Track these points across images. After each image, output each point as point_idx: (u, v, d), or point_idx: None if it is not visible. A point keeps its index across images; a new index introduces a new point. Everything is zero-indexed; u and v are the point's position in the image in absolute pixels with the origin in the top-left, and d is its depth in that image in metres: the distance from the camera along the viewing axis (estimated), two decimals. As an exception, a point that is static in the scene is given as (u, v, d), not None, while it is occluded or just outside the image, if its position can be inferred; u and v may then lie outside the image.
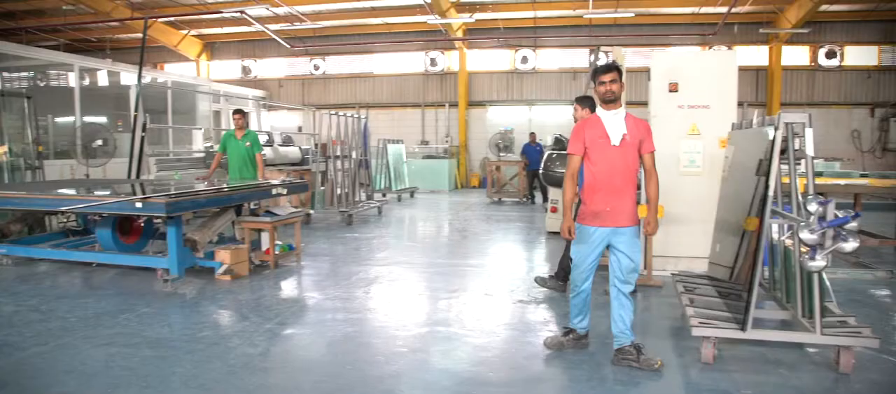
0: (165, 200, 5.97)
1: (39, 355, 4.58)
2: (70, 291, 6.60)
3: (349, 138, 12.93)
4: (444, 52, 22.13)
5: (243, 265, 7.03)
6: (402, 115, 22.76)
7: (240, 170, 9.04)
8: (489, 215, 13.48)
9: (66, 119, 14.46)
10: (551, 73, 21.44)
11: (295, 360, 4.66)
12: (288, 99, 23.12)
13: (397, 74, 22.71)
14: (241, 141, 9.01)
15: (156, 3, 19.46)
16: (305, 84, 23.59)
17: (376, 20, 20.97)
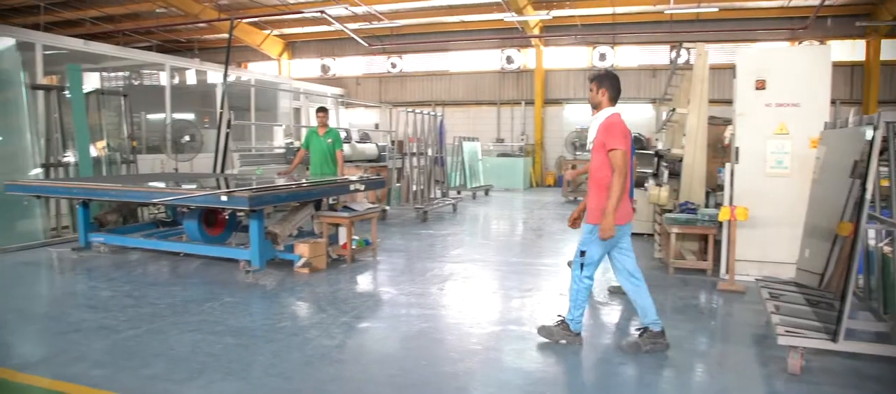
0: (249, 195, 6.17)
1: (133, 338, 4.83)
2: (159, 279, 6.93)
3: (425, 136, 13.03)
4: (520, 50, 22.01)
5: (321, 259, 7.21)
6: (478, 112, 22.79)
7: (321, 166, 9.30)
8: (564, 215, 13.32)
9: (158, 116, 15.17)
10: (630, 70, 20.98)
11: (370, 353, 4.73)
12: (365, 97, 23.53)
13: (473, 72, 22.73)
14: (324, 138, 9.27)
15: (241, 4, 20.16)
16: (382, 82, 23.94)
17: (453, 18, 21.06)
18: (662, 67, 20.06)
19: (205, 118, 17.25)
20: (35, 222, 9.04)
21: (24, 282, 7.02)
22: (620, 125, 4.48)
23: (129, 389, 3.86)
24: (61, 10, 20.57)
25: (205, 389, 3.88)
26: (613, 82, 4.65)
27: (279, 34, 24.09)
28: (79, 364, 4.29)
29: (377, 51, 22.92)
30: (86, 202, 8.12)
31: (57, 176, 9.43)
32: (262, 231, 6.83)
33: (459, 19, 21.12)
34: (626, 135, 4.44)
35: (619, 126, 4.47)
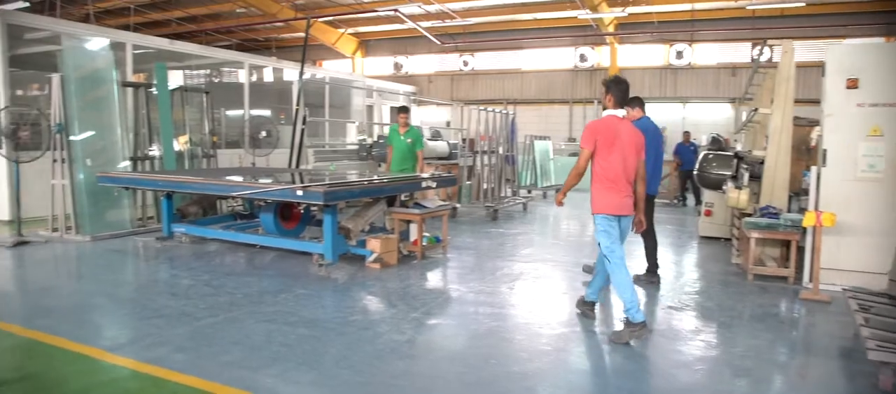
0: (324, 189, 6.29)
1: (211, 326, 5.00)
2: (236, 270, 7.15)
3: (496, 134, 12.99)
4: (594, 48, 21.67)
5: (392, 254, 7.28)
6: (550, 111, 22.57)
7: (401, 164, 9.48)
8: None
9: (236, 112, 15.69)
10: (708, 68, 20.35)
11: (439, 349, 4.74)
12: (437, 94, 23.67)
13: (545, 70, 22.52)
14: (404, 137, 9.46)
15: (317, 3, 20.62)
16: (454, 80, 24.02)
17: (526, 16, 20.93)
18: (743, 65, 19.36)
19: (281, 115, 17.73)
20: (123, 212, 9.51)
21: (114, 268, 7.39)
22: (594, 126, 5.05)
23: (208, 374, 3.99)
24: (149, 11, 21.58)
25: (279, 377, 3.97)
26: (619, 88, 5.09)
27: (353, 32, 24.52)
28: (162, 348, 4.48)
29: (449, 49, 23.01)
30: (169, 194, 8.47)
31: (143, 169, 9.88)
32: (336, 226, 6.96)
33: (532, 17, 20.96)
34: (595, 135, 4.96)
35: (592, 127, 5.05)
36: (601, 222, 4.97)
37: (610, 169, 4.91)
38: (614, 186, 4.94)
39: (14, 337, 4.80)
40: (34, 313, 5.44)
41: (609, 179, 4.92)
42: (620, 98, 5.08)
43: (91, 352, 4.41)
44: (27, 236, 8.65)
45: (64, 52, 9.65)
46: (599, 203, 4.99)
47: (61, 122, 8.81)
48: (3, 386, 3.90)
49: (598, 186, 4.99)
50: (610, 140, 4.92)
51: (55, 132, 8.80)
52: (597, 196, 5.01)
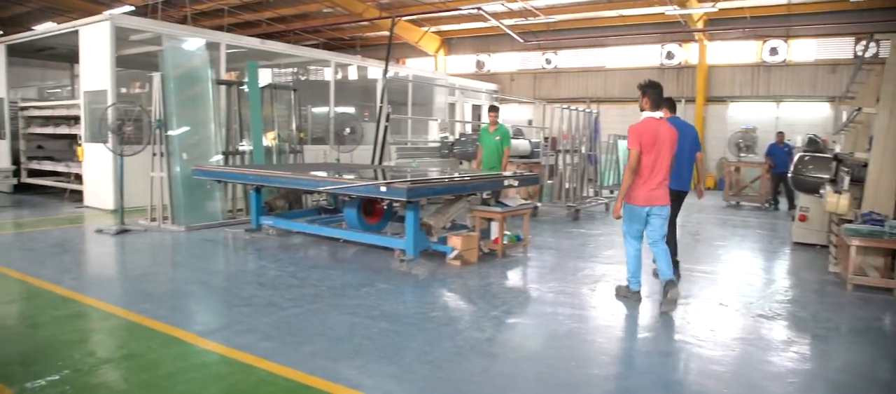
0: (407, 186, 6.36)
1: (296, 316, 5.15)
2: (320, 263, 7.33)
3: (579, 133, 12.80)
4: (681, 45, 20.99)
5: (473, 252, 7.29)
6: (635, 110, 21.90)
7: (490, 162, 9.58)
8: (725, 220, 12.56)
9: (322, 109, 16.09)
10: (805, 65, 19.34)
11: (519, 349, 4.71)
12: (519, 92, 23.52)
13: (630, 68, 21.97)
14: (493, 135, 9.57)
15: (401, 2, 20.88)
16: (536, 78, 23.81)
17: (610, 13, 20.49)
18: (845, 62, 18.30)
19: (365, 112, 18.07)
20: (215, 204, 9.93)
21: (206, 257, 7.72)
22: (637, 129, 5.56)
23: (292, 362, 4.11)
24: (242, 12, 22.42)
25: (360, 369, 4.04)
26: (655, 91, 5.68)
27: (436, 31, 24.68)
28: (249, 336, 4.64)
29: (532, 47, 22.82)
30: (258, 188, 8.78)
31: (234, 163, 10.28)
32: (418, 222, 7.02)
33: (617, 14, 20.50)
34: (640, 138, 5.50)
35: (636, 130, 5.56)
36: (629, 210, 5.72)
37: (642, 167, 5.53)
38: (643, 181, 5.56)
39: (118, 318, 5.10)
40: (135, 297, 5.75)
41: (641, 175, 5.54)
42: (656, 100, 5.66)
43: (185, 336, 4.63)
44: (129, 225, 9.16)
45: (164, 52, 10.15)
46: (629, 194, 5.65)
47: (161, 118, 9.27)
48: (107, 363, 4.15)
49: (634, 181, 5.61)
50: (651, 141, 5.50)
51: (155, 128, 9.28)
52: (630, 189, 5.64)
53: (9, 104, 13.95)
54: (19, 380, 3.77)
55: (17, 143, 13.99)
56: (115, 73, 11.29)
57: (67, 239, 8.68)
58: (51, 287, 5.98)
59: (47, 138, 14.40)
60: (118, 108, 9.46)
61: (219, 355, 4.28)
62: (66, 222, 10.11)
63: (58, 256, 7.50)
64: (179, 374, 3.96)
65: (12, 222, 10.28)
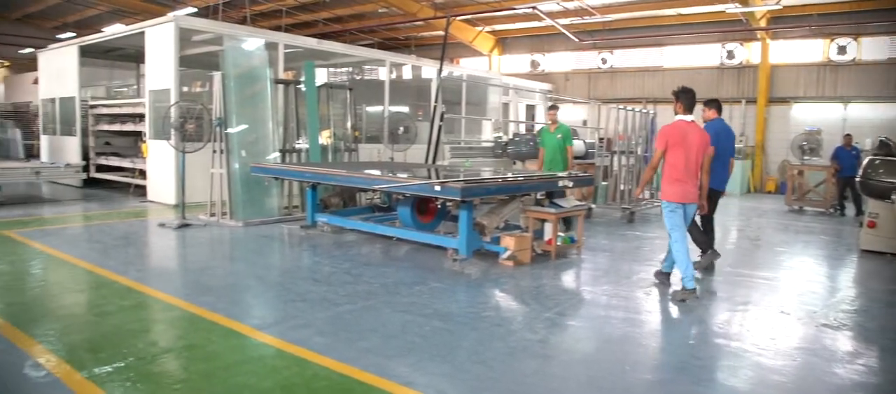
0: (461, 185, 6.36)
1: (350, 313, 5.21)
2: (373, 260, 7.40)
3: (634, 133, 12.58)
4: (742, 44, 20.40)
5: (526, 253, 7.24)
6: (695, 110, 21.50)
7: (552, 161, 9.53)
8: (786, 225, 12.15)
9: (376, 108, 16.25)
10: (877, 64, 18.51)
11: (572, 351, 4.66)
12: (574, 92, 23.27)
13: (688, 68, 21.48)
14: (554, 134, 9.51)
15: (456, 2, 20.89)
16: (592, 77, 23.51)
17: (668, 11, 20.06)
18: (920, 61, 17.48)
19: (419, 111, 18.17)
20: (272, 201, 10.14)
21: (263, 253, 7.88)
22: (666, 131, 6.13)
23: (345, 358, 4.16)
24: (299, 13, 22.82)
25: (413, 367, 4.06)
26: (687, 96, 6.17)
27: (490, 30, 24.62)
28: (304, 330, 4.72)
29: (587, 46, 22.53)
30: (314, 185, 8.92)
31: (291, 160, 10.47)
32: (471, 222, 7.02)
33: (676, 12, 20.06)
34: (667, 138, 6.06)
35: (665, 131, 6.15)
36: (667, 207, 6.12)
37: (675, 166, 5.99)
38: (678, 179, 6.01)
39: (179, 310, 5.26)
40: (195, 289, 5.92)
41: (674, 173, 6.01)
42: (689, 104, 6.17)
43: (242, 329, 4.74)
44: (189, 220, 9.43)
45: (225, 51, 10.41)
46: (666, 192, 6.10)
47: (221, 116, 9.52)
48: (168, 352, 4.28)
49: (666, 179, 6.09)
50: (678, 141, 5.99)
51: (215, 125, 9.53)
52: (665, 187, 6.11)
53: (80, 103, 14.55)
54: (88, 366, 3.93)
55: (86, 139, 14.59)
56: (179, 72, 11.63)
57: (132, 232, 9.00)
58: (117, 278, 6.21)
59: (114, 135, 14.99)
60: (181, 106, 9.74)
61: (274, 349, 4.37)
62: (130, 216, 10.48)
63: (123, 249, 7.79)
64: (236, 366, 4.06)
65: (82, 215, 10.72)
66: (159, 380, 3.82)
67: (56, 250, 7.49)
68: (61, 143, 15.31)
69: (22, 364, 3.98)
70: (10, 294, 5.68)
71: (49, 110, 16.01)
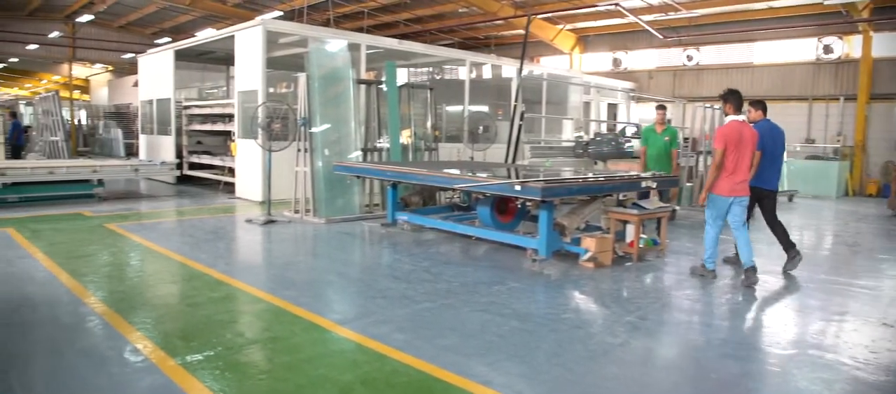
0: (541, 185, 6.30)
1: (429, 310, 5.25)
2: (452, 259, 7.42)
3: (722, 133, 12.09)
4: (841, 38, 19.29)
5: (607, 255, 7.09)
6: (785, 109, 20.49)
7: (656, 163, 9.35)
8: (889, 230, 11.40)
9: (456, 108, 16.31)
10: None
11: (654, 357, 4.52)
12: (657, 91, 22.64)
13: (781, 64, 20.51)
14: (661, 135, 9.33)
15: (536, 0, 20.73)
16: (676, 75, 22.81)
17: (759, 5, 19.21)
18: None
19: (498, 111, 18.11)
20: (353, 199, 10.34)
21: (344, 249, 8.05)
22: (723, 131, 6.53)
23: (425, 355, 4.18)
24: (380, 14, 23.21)
25: (491, 366, 4.04)
26: (735, 97, 6.62)
27: (572, 29, 24.28)
28: (384, 326, 4.78)
29: (672, 43, 21.87)
30: (395, 184, 9.03)
31: (372, 159, 10.65)
32: (551, 222, 6.94)
33: (767, 6, 19.18)
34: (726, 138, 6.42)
35: (723, 131, 6.53)
36: (710, 198, 6.64)
37: (730, 163, 6.43)
38: (728, 175, 6.45)
39: (264, 303, 5.43)
40: (280, 283, 6.10)
41: (728, 170, 6.45)
42: (738, 105, 6.60)
43: (324, 323, 4.85)
44: (274, 216, 9.74)
45: (310, 53, 10.69)
46: (715, 186, 6.55)
47: (306, 116, 9.78)
48: (254, 343, 4.43)
49: (720, 175, 6.50)
50: (736, 141, 6.42)
51: (300, 125, 9.80)
52: (717, 181, 6.53)
53: (175, 104, 15.29)
54: (181, 353, 4.12)
55: (180, 138, 15.33)
56: (266, 74, 12.04)
57: (221, 227, 9.38)
58: (207, 270, 6.48)
59: (205, 134, 15.69)
60: (268, 106, 10.07)
61: (355, 344, 4.44)
62: (219, 212, 10.92)
63: (213, 243, 8.12)
64: (318, 359, 4.15)
65: (175, 210, 11.27)
66: (245, 370, 3.95)
67: (152, 243, 7.89)
68: (158, 142, 16.15)
69: (123, 348, 4.22)
70: (112, 283, 6.03)
71: (147, 111, 16.92)
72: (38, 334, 4.56)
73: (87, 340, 4.43)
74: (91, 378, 3.74)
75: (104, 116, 27.62)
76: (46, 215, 9.79)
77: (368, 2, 21.77)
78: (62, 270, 6.31)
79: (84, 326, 4.73)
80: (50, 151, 18.08)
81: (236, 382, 3.75)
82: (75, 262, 6.75)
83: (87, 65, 34.93)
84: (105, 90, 35.80)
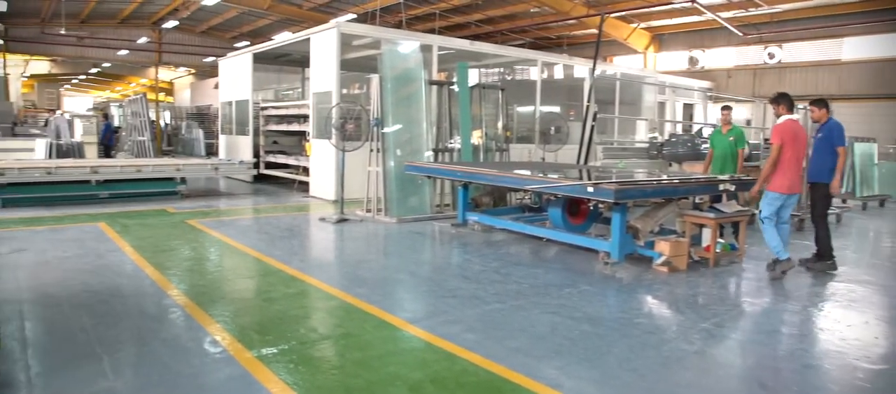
0: (615, 187, 6.18)
1: (499, 311, 5.23)
2: (523, 260, 7.38)
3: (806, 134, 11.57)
4: (941, 33, 18.15)
5: (682, 259, 6.90)
6: (875, 108, 19.44)
7: (722, 164, 9.14)
8: None
9: (527, 108, 16.20)
10: None
11: (732, 366, 4.36)
12: (736, 90, 21.87)
13: (871, 60, 19.43)
14: (726, 136, 9.12)
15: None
16: (757, 74, 21.98)
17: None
18: None
19: (570, 111, 17.89)
20: (425, 199, 10.42)
21: (415, 249, 8.12)
22: (778, 127, 6.84)
23: (494, 356, 4.17)
24: (452, 15, 23.31)
25: (561, 370, 4.00)
26: (787, 99, 6.96)
27: (646, 27, 23.76)
28: (454, 326, 4.79)
29: (752, 40, 21.07)
30: (466, 184, 9.05)
31: (443, 160, 10.70)
32: (624, 225, 6.80)
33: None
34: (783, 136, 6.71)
35: (780, 129, 6.80)
36: (771, 196, 6.77)
37: (787, 160, 6.69)
38: (786, 172, 6.70)
39: (337, 300, 5.54)
40: (352, 281, 6.21)
41: (783, 167, 6.70)
42: (790, 105, 6.95)
43: (394, 321, 4.90)
44: (347, 215, 9.92)
45: (382, 54, 10.84)
46: (775, 183, 6.75)
47: (378, 116, 9.92)
48: (327, 339, 4.53)
49: (777, 172, 6.74)
50: (792, 138, 6.71)
51: (373, 125, 9.95)
52: (774, 179, 6.76)
53: (252, 105, 15.80)
54: (256, 346, 4.25)
55: (257, 138, 15.82)
56: (340, 75, 12.27)
57: (295, 225, 9.62)
58: (282, 267, 6.66)
59: (281, 135, 16.13)
60: (341, 107, 10.27)
61: (425, 342, 4.47)
62: (294, 210, 11.21)
63: (287, 240, 8.34)
64: (389, 356, 4.20)
65: (252, 208, 11.63)
66: (318, 364, 4.04)
67: (230, 239, 8.18)
68: (236, 141, 16.72)
69: (202, 339, 4.39)
70: (193, 276, 6.28)
71: (227, 112, 17.55)
72: (127, 323, 4.79)
73: (171, 330, 4.63)
74: (174, 366, 3.90)
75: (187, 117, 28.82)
76: (134, 211, 10.28)
77: (440, 3, 21.90)
78: (148, 264, 6.62)
79: (167, 316, 4.94)
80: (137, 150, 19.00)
81: (309, 375, 3.83)
82: (160, 256, 7.07)
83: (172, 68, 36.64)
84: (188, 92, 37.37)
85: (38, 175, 10.64)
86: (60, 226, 8.84)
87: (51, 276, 6.09)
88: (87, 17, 27.28)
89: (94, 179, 11.10)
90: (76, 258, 6.82)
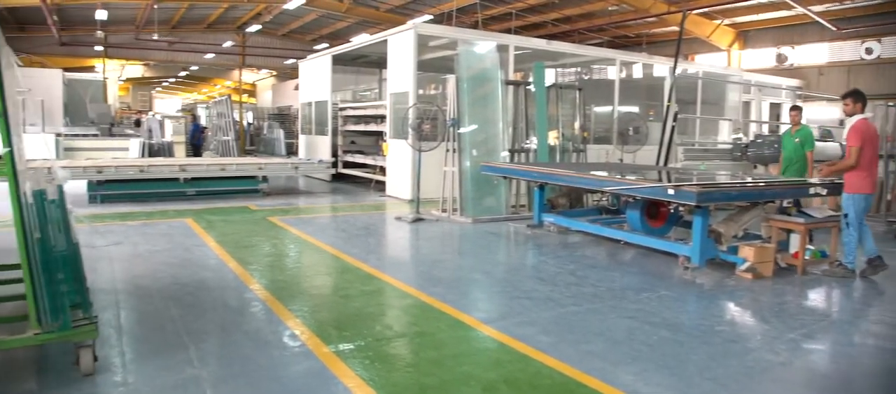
0: (697, 190, 5.99)
1: (574, 314, 5.16)
2: (599, 263, 7.26)
3: (905, 135, 10.90)
4: None
5: (767, 265, 6.61)
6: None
7: (789, 167, 8.81)
8: None
9: (605, 108, 15.92)
10: None
11: (821, 378, 4.15)
12: (828, 89, 20.78)
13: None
14: (793, 137, 8.79)
15: (691, -5, 19.77)
16: (852, 71, 20.82)
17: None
18: None
19: (650, 111, 17.47)
20: (500, 199, 10.41)
21: (490, 249, 8.12)
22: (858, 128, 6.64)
23: (569, 359, 4.12)
24: (528, 14, 23.16)
25: (638, 376, 3.91)
26: (861, 97, 6.82)
27: (730, 23, 22.91)
28: (528, 328, 4.76)
29: (847, 35, 19.97)
30: (542, 185, 8.98)
31: (519, 160, 10.65)
32: (706, 228, 6.59)
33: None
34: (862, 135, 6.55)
35: (857, 129, 6.63)
36: (855, 199, 6.58)
37: (867, 159, 6.56)
38: (868, 173, 6.60)
39: (412, 298, 5.60)
40: (427, 280, 6.27)
41: (865, 167, 6.57)
42: (864, 103, 6.82)
43: (469, 321, 4.92)
44: (423, 214, 10.01)
45: (459, 55, 10.88)
46: (857, 185, 6.57)
47: (455, 116, 9.96)
48: (402, 337, 4.60)
49: (859, 174, 6.57)
50: (871, 138, 6.67)
51: (449, 126, 10.00)
52: (857, 180, 6.57)
53: (331, 105, 16.18)
54: (334, 341, 4.36)
55: (335, 138, 16.19)
56: (416, 76, 12.40)
57: (372, 224, 9.79)
58: (359, 264, 6.79)
59: (359, 135, 16.46)
60: (418, 107, 10.38)
61: (499, 343, 4.46)
62: (371, 209, 11.41)
63: (364, 238, 8.50)
64: (463, 356, 4.21)
65: (330, 206, 11.92)
66: (393, 362, 4.10)
67: (309, 236, 8.40)
68: (315, 141, 17.16)
69: (282, 333, 4.53)
70: (274, 272, 6.49)
71: (306, 113, 18.03)
72: (211, 314, 5.01)
73: (252, 323, 4.80)
74: (255, 358, 4.04)
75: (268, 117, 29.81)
76: (218, 208, 10.71)
77: (516, 3, 21.80)
78: (231, 258, 6.88)
79: (249, 310, 5.13)
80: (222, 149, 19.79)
81: (384, 372, 3.89)
82: (242, 251, 7.34)
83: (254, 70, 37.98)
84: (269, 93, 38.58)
85: (132, 173, 11.26)
86: (151, 221, 9.30)
87: (143, 268, 6.43)
88: (177, 23, 28.66)
89: (183, 177, 11.63)
90: (165, 252, 7.17)
